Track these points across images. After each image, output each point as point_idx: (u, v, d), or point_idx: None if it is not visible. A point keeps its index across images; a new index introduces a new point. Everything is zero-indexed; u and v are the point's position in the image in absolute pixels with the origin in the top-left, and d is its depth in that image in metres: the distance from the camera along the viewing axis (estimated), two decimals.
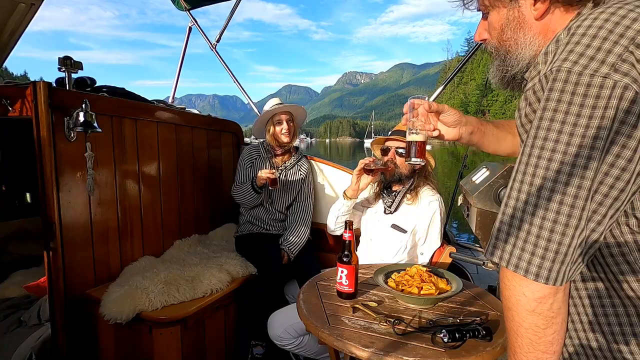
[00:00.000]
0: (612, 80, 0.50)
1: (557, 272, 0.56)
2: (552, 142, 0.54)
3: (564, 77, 0.53)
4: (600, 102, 0.51)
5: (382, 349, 1.05)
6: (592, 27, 0.54)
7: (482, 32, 0.79)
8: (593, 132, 0.51)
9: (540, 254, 0.56)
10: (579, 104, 0.52)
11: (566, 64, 0.54)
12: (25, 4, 1.84)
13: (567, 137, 0.53)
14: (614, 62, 0.50)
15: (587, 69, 0.52)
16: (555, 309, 0.59)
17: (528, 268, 0.57)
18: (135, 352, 1.70)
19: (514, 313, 0.62)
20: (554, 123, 0.54)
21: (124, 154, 1.95)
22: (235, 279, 2.01)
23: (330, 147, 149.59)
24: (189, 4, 3.24)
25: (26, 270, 2.19)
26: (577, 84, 0.52)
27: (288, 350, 1.81)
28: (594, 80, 0.51)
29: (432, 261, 1.87)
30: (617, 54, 0.51)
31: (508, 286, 0.61)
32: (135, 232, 2.05)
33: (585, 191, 0.53)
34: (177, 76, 3.57)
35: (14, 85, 1.64)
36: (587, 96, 0.51)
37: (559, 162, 0.54)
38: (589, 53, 0.52)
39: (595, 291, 0.65)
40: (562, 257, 0.55)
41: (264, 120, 2.34)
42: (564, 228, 0.54)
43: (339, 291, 1.39)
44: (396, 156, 1.87)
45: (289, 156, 2.40)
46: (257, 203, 2.30)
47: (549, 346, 0.61)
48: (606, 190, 0.54)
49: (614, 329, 0.63)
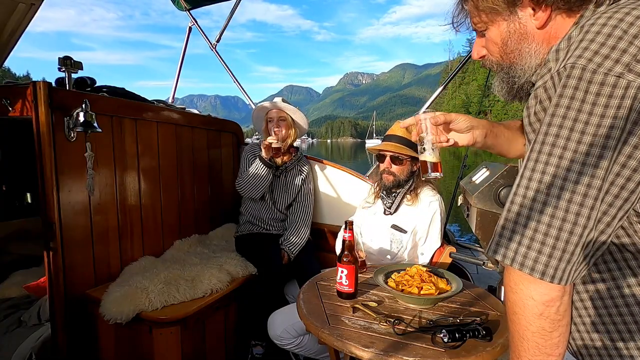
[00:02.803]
0: (626, 80, 0.50)
1: (562, 270, 0.55)
2: (563, 139, 0.54)
3: (578, 74, 0.53)
4: (613, 101, 0.50)
5: (382, 349, 1.05)
6: (607, 26, 0.53)
7: (480, 50, 0.79)
8: (605, 132, 0.51)
9: (547, 252, 0.55)
10: (592, 102, 0.52)
11: (581, 60, 0.53)
12: (25, 4, 1.84)
13: (579, 135, 0.53)
14: (628, 62, 0.50)
15: (601, 67, 0.51)
16: (562, 312, 0.59)
17: (534, 266, 0.56)
18: (135, 352, 1.70)
19: (520, 317, 0.61)
20: (567, 120, 0.54)
21: (124, 154, 1.95)
22: (235, 279, 2.01)
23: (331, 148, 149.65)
24: (189, 4, 3.25)
25: (26, 270, 2.19)
26: (591, 82, 0.52)
27: (288, 350, 1.81)
28: (607, 79, 0.51)
29: (432, 261, 1.86)
30: (632, 54, 0.50)
31: (515, 290, 0.61)
32: (135, 232, 2.04)
33: (595, 190, 0.53)
34: (177, 76, 3.57)
35: (14, 85, 1.64)
36: (600, 95, 0.51)
37: (569, 160, 0.53)
38: (604, 51, 0.52)
39: (597, 293, 0.64)
40: (569, 256, 0.55)
41: (259, 116, 2.39)
42: (573, 227, 0.54)
43: (339, 291, 1.39)
44: (392, 164, 1.86)
45: (290, 156, 2.40)
46: (267, 185, 2.23)
47: (555, 349, 0.61)
48: (617, 191, 0.53)
49: (619, 327, 0.63)
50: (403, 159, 1.84)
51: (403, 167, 1.85)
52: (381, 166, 1.90)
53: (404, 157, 1.84)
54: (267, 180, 2.22)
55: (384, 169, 1.87)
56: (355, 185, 2.48)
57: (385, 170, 1.86)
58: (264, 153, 2.17)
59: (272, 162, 2.22)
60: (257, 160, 2.19)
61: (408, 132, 1.89)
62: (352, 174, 2.51)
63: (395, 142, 1.84)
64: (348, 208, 2.48)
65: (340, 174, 2.54)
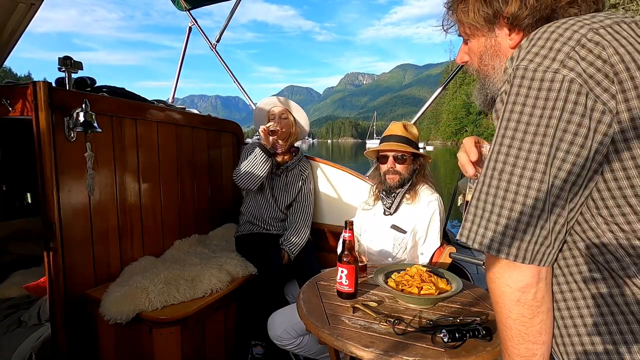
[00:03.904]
0: (561, 74, 0.58)
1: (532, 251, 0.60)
2: (511, 130, 0.62)
3: (521, 74, 0.61)
4: (552, 94, 0.58)
5: (382, 348, 1.05)
6: (546, 32, 0.62)
7: (463, 56, 0.85)
8: (545, 121, 0.59)
9: (513, 235, 0.61)
10: (534, 96, 0.60)
11: (523, 62, 0.62)
12: (25, 4, 1.84)
13: (524, 126, 0.60)
14: (562, 59, 0.58)
15: (540, 65, 0.60)
16: (539, 298, 0.63)
17: (499, 248, 0.61)
18: (135, 352, 1.70)
19: (501, 305, 0.65)
20: (514, 114, 0.62)
21: (124, 154, 1.95)
22: (235, 279, 2.01)
23: (332, 148, 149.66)
24: (189, 4, 3.25)
25: (26, 270, 2.19)
26: (533, 79, 0.60)
27: (288, 350, 1.81)
28: (546, 75, 0.59)
29: (432, 261, 1.86)
30: (565, 53, 0.58)
31: (493, 279, 0.66)
32: (135, 232, 2.04)
33: (542, 165, 0.59)
34: (177, 76, 3.57)
35: (14, 85, 1.64)
36: (540, 89, 0.59)
37: (517, 147, 0.61)
38: (542, 52, 0.60)
39: (598, 293, 0.64)
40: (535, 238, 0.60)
41: (261, 114, 2.40)
42: (532, 210, 0.60)
43: (339, 291, 1.39)
44: (395, 164, 1.86)
45: (290, 156, 2.40)
46: (265, 175, 2.20)
47: (538, 336, 0.64)
48: (564, 175, 0.59)
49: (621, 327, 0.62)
50: (406, 157, 1.85)
51: (406, 165, 1.86)
52: (383, 167, 1.89)
53: (407, 155, 1.84)
54: (264, 169, 2.18)
55: (388, 169, 1.87)
56: (356, 185, 2.48)
57: (390, 170, 1.86)
58: (263, 139, 2.18)
59: (271, 151, 2.22)
60: (257, 149, 2.19)
61: (408, 132, 1.89)
62: (352, 174, 2.51)
63: (396, 141, 1.84)
64: (348, 208, 2.48)
65: (340, 174, 2.55)
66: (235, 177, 2.24)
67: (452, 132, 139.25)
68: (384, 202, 1.93)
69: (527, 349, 0.65)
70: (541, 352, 0.65)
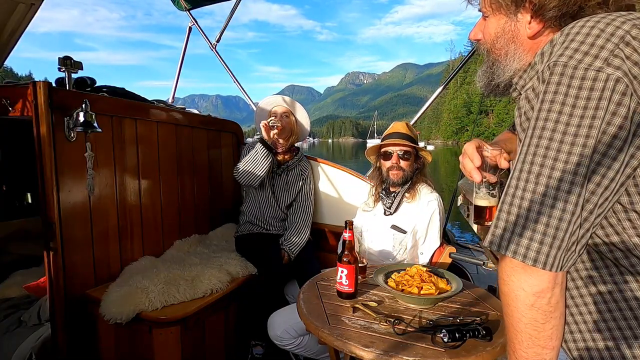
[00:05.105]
0: (605, 73, 0.54)
1: (554, 257, 0.58)
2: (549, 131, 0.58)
3: (560, 70, 0.57)
4: (594, 93, 0.54)
5: (382, 348, 1.05)
6: (585, 27, 0.58)
7: (477, 32, 0.81)
8: (588, 122, 0.55)
9: (538, 239, 0.58)
10: (574, 95, 0.56)
11: (562, 58, 0.57)
12: (25, 4, 1.84)
13: (564, 126, 0.57)
14: (606, 57, 0.55)
15: (581, 62, 0.56)
16: (553, 303, 0.61)
17: (526, 253, 0.59)
18: (135, 352, 1.70)
19: (513, 309, 0.63)
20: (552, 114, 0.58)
21: (124, 154, 1.95)
22: (235, 279, 2.01)
23: (332, 147, 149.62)
24: (189, 4, 3.25)
25: (26, 270, 2.19)
26: (573, 77, 0.56)
27: (288, 350, 1.81)
28: (588, 73, 0.55)
29: (432, 261, 1.86)
30: (609, 50, 0.55)
31: (507, 281, 0.63)
32: (135, 232, 2.04)
33: (581, 178, 0.56)
34: (177, 76, 3.57)
35: (14, 85, 1.64)
36: (581, 88, 0.55)
37: (558, 143, 0.57)
38: (583, 49, 0.56)
39: (599, 294, 0.65)
40: (559, 242, 0.57)
41: (262, 113, 2.40)
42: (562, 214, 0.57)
43: (339, 291, 1.39)
44: (400, 160, 1.87)
45: (291, 156, 2.40)
46: (266, 171, 2.18)
47: (549, 341, 0.62)
48: (598, 179, 0.56)
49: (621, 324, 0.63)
50: (411, 154, 1.87)
51: (410, 163, 1.88)
52: (387, 163, 1.90)
53: (412, 152, 1.87)
54: (266, 165, 2.17)
55: (392, 165, 1.87)
56: (356, 185, 2.48)
57: (394, 166, 1.87)
58: (264, 134, 2.18)
59: (272, 146, 2.22)
60: (258, 144, 2.20)
61: (410, 131, 1.89)
62: (352, 174, 2.51)
63: (401, 138, 1.85)
64: (348, 208, 2.48)
65: (340, 174, 2.54)
66: (236, 174, 2.24)
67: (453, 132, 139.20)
68: (384, 202, 1.93)
69: (536, 354, 0.63)
70: (550, 357, 0.63)
